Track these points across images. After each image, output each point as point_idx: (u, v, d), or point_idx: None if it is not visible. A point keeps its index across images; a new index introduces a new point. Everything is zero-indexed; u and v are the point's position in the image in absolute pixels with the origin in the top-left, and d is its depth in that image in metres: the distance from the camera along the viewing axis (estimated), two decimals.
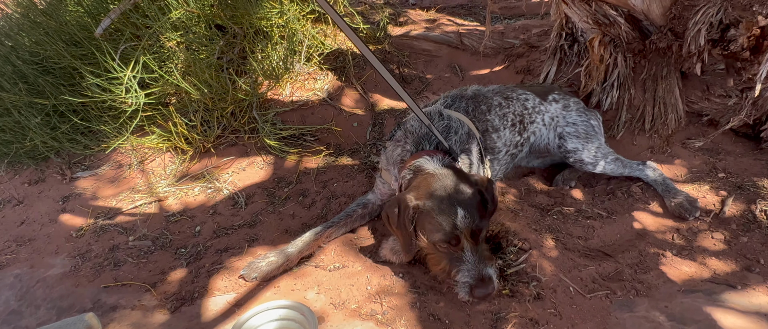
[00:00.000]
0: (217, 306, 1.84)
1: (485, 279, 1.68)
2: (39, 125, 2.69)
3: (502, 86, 2.51)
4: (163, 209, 2.45)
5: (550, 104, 2.46)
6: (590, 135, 2.39)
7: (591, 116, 2.48)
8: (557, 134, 2.43)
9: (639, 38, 2.59)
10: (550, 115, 2.45)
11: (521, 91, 2.46)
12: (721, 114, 2.50)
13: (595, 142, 2.38)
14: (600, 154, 2.34)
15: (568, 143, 2.38)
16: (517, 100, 2.41)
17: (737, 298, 1.71)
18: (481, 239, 1.77)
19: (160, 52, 2.72)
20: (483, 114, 2.29)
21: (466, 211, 1.72)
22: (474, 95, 2.35)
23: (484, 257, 1.74)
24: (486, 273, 1.70)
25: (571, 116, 2.45)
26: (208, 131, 2.74)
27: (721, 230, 2.03)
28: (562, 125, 2.42)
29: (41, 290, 2.02)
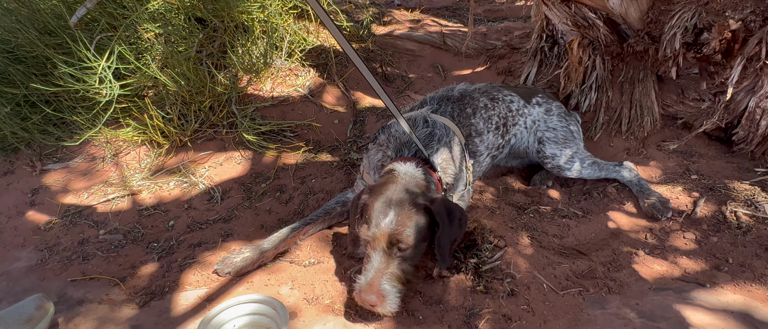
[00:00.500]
0: (188, 301, 1.80)
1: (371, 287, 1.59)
2: (8, 115, 2.61)
3: (488, 85, 2.48)
4: (136, 203, 2.40)
5: (533, 108, 2.46)
6: (568, 140, 2.40)
7: (571, 121, 2.50)
8: (537, 139, 2.43)
9: (617, 41, 2.63)
10: (532, 118, 2.45)
11: (507, 92, 2.45)
12: (695, 117, 2.55)
13: (573, 147, 2.39)
14: (577, 159, 2.36)
15: (546, 149, 2.39)
16: (503, 101, 2.40)
17: (706, 296, 1.74)
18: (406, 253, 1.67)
19: (138, 43, 2.67)
20: (467, 118, 2.26)
21: (396, 218, 1.64)
22: (460, 97, 2.31)
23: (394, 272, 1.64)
24: (379, 285, 1.59)
25: (552, 120, 2.45)
26: (186, 124, 2.69)
27: (692, 230, 2.06)
28: (543, 129, 2.43)
29: (4, 283, 1.95)
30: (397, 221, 1.65)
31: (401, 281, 1.66)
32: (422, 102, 2.31)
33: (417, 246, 1.68)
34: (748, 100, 2.32)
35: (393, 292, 1.61)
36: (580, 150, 2.40)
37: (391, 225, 1.65)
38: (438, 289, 1.78)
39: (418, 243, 1.68)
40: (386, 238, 1.65)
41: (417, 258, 1.74)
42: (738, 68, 2.20)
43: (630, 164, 2.36)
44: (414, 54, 3.65)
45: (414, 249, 1.68)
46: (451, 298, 1.74)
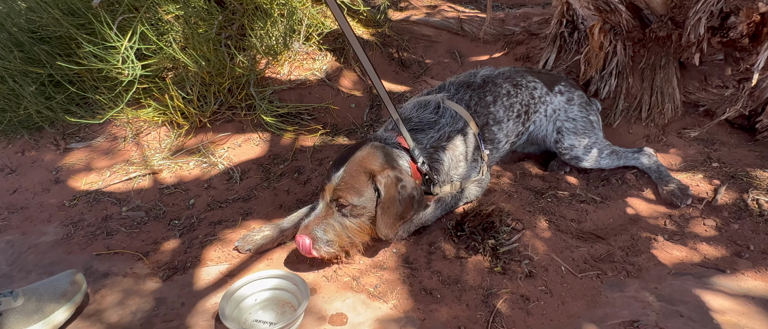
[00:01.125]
0: (210, 276, 1.84)
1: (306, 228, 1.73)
2: (33, 94, 2.66)
3: (512, 70, 2.43)
4: (157, 181, 2.44)
5: (555, 96, 2.40)
6: (587, 131, 2.35)
7: (591, 111, 2.44)
8: (556, 128, 2.38)
9: (639, 27, 2.59)
10: (553, 107, 2.39)
11: (531, 78, 2.40)
12: (718, 105, 2.51)
13: (591, 137, 2.34)
14: (595, 149, 2.32)
15: (564, 140, 2.34)
16: (526, 88, 2.34)
17: (726, 282, 1.73)
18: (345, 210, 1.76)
19: (158, 24, 2.69)
20: (486, 107, 2.22)
21: (344, 175, 1.76)
22: (482, 83, 2.28)
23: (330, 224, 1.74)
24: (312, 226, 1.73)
25: (573, 110, 2.39)
26: (205, 106, 2.72)
27: (712, 217, 2.04)
28: (563, 119, 2.38)
29: (33, 256, 2.01)
30: (342, 177, 1.76)
31: (338, 234, 1.76)
32: (440, 87, 2.30)
33: (356, 207, 1.77)
34: None
35: (323, 239, 1.73)
36: (598, 140, 2.37)
37: (337, 181, 1.76)
38: (456, 269, 1.80)
39: (357, 204, 1.76)
40: (331, 191, 1.77)
41: (362, 219, 1.79)
42: (765, 53, 2.16)
43: (649, 151, 2.33)
44: (430, 40, 3.64)
45: (354, 208, 1.76)
46: (468, 278, 1.76)
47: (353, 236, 1.79)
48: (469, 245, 1.90)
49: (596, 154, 2.32)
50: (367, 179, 1.77)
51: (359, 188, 1.76)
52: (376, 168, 1.79)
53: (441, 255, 1.88)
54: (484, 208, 2.03)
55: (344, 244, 1.78)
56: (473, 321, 1.60)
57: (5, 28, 2.70)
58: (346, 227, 1.77)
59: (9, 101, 2.71)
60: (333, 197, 1.76)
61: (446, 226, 2.00)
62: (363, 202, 1.77)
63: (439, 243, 1.93)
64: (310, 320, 1.62)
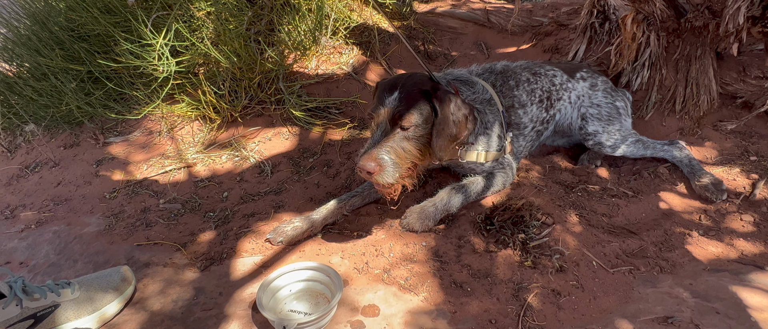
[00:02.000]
0: (245, 267, 1.90)
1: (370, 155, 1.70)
2: (74, 91, 2.77)
3: (529, 62, 2.47)
4: (192, 174, 2.52)
5: (577, 82, 2.42)
6: (613, 117, 2.34)
7: (617, 97, 2.42)
8: (580, 114, 2.38)
9: (674, 17, 2.52)
10: (577, 93, 2.40)
11: (549, 67, 2.42)
12: (757, 96, 2.43)
13: (616, 124, 2.32)
14: (620, 136, 2.30)
15: (589, 125, 2.34)
16: (545, 76, 2.37)
17: (765, 279, 1.69)
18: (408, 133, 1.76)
19: (191, 21, 2.76)
20: (511, 90, 2.26)
21: (400, 96, 1.75)
22: (503, 70, 2.33)
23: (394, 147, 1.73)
24: (376, 152, 1.71)
25: (597, 96, 2.40)
26: (236, 100, 2.78)
27: (750, 212, 1.99)
28: (587, 105, 2.38)
29: (78, 246, 2.11)
30: (399, 98, 1.75)
31: (401, 157, 1.75)
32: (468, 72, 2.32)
33: (418, 126, 1.77)
34: None
35: (391, 163, 1.72)
36: (623, 127, 2.34)
37: (394, 102, 1.75)
38: (486, 263, 1.81)
39: (419, 124, 1.77)
40: (389, 114, 1.76)
41: (421, 141, 1.80)
42: None
43: (681, 143, 2.29)
44: (456, 32, 3.62)
45: (415, 128, 1.77)
46: (499, 272, 1.77)
47: (415, 159, 1.80)
48: (498, 239, 1.91)
49: (621, 142, 2.29)
50: (423, 98, 1.78)
51: (419, 107, 1.76)
52: (430, 88, 1.80)
53: (470, 248, 1.89)
54: (513, 202, 2.03)
55: (406, 169, 1.79)
56: (504, 315, 1.61)
57: (47, 27, 2.82)
58: (409, 150, 1.78)
59: (52, 97, 2.83)
60: (393, 119, 1.75)
61: (476, 220, 2.01)
62: (422, 120, 1.78)
63: (468, 237, 1.94)
64: (343, 311, 1.67)
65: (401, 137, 1.77)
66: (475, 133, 2.04)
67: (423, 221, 1.93)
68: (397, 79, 1.85)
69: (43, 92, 2.84)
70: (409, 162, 1.79)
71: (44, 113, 2.86)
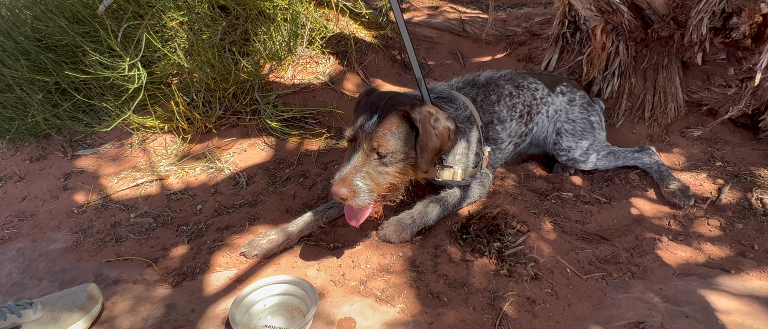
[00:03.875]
0: (219, 281, 1.86)
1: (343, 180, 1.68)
2: (40, 102, 2.69)
3: (514, 72, 2.46)
4: (164, 187, 2.46)
5: (556, 97, 2.43)
6: (586, 132, 2.37)
7: (592, 112, 2.45)
8: (555, 129, 2.41)
9: (641, 27, 2.60)
10: (555, 108, 2.42)
11: (532, 79, 2.43)
12: (721, 104, 2.52)
13: (589, 139, 2.36)
14: (592, 151, 2.34)
15: (563, 141, 2.37)
16: (528, 89, 2.37)
17: (731, 282, 1.74)
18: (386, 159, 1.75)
19: (163, 31, 2.71)
20: (491, 105, 2.26)
21: (379, 121, 1.73)
22: (486, 83, 2.32)
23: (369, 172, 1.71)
24: (350, 177, 1.68)
25: (574, 111, 2.41)
26: (210, 111, 2.74)
27: (717, 217, 2.05)
28: (563, 120, 2.40)
29: (43, 263, 2.04)
30: (378, 122, 1.73)
31: (376, 182, 1.73)
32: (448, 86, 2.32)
33: (397, 151, 1.76)
34: None
35: (365, 189, 1.70)
36: (596, 141, 2.37)
37: (373, 127, 1.73)
38: (462, 272, 1.81)
39: (397, 150, 1.76)
40: (367, 138, 1.73)
41: (402, 163, 1.79)
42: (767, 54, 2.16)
43: (651, 149, 2.34)
44: (433, 41, 3.65)
45: (393, 154, 1.75)
46: (475, 281, 1.78)
47: (394, 181, 1.79)
48: (474, 247, 1.92)
49: (594, 156, 2.34)
50: (402, 119, 1.77)
51: (397, 132, 1.75)
52: (408, 107, 1.78)
53: (447, 258, 1.89)
54: (489, 210, 2.04)
55: (383, 191, 1.78)
56: (480, 324, 1.62)
57: (12, 37, 2.73)
58: (386, 174, 1.76)
59: (17, 109, 2.74)
60: (371, 146, 1.74)
61: (452, 229, 2.02)
62: (402, 145, 1.76)
63: (444, 246, 1.95)
64: (319, 325, 1.64)
65: (378, 163, 1.75)
66: (453, 152, 2.04)
67: (399, 233, 1.93)
68: (378, 100, 1.82)
69: (7, 103, 2.75)
70: (387, 185, 1.78)
71: (9, 126, 2.76)
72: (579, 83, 2.66)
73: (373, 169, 1.74)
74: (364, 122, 1.76)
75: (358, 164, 1.73)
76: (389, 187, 1.80)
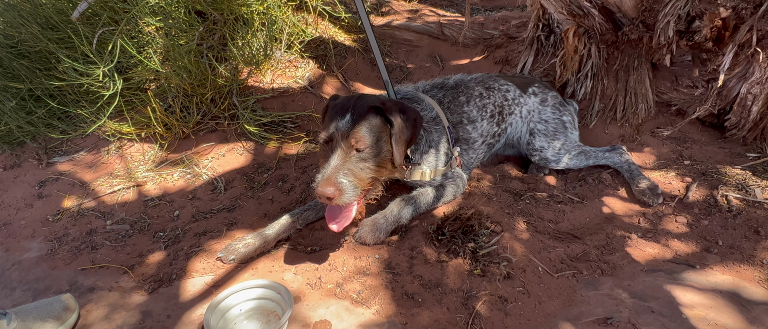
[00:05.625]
0: (195, 287, 1.86)
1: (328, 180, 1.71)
2: (14, 109, 2.65)
3: (485, 75, 2.53)
4: (141, 193, 2.45)
5: (529, 97, 2.50)
6: (558, 132, 2.44)
7: (564, 112, 2.51)
8: (529, 129, 2.47)
9: (612, 30, 2.66)
10: (528, 108, 2.48)
11: (503, 81, 2.49)
12: (689, 104, 2.59)
13: (561, 139, 2.42)
14: (563, 150, 2.40)
15: (535, 141, 2.43)
16: (499, 90, 2.44)
17: (696, 277, 1.80)
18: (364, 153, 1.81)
19: (139, 37, 2.70)
20: (460, 106, 2.32)
21: (353, 118, 1.80)
22: (455, 85, 2.39)
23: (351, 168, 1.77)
24: (333, 176, 1.73)
25: (546, 112, 2.48)
26: (188, 116, 2.74)
27: (684, 214, 2.12)
28: (536, 120, 2.47)
29: (17, 272, 2.01)
30: (352, 120, 1.80)
31: (359, 177, 1.79)
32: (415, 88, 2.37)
33: (374, 146, 1.83)
34: (740, 86, 2.37)
35: (350, 186, 1.74)
36: (568, 141, 2.43)
37: (348, 125, 1.79)
38: (437, 273, 1.84)
39: (374, 143, 1.83)
40: (343, 136, 1.79)
41: (378, 158, 1.85)
42: (729, 55, 2.24)
43: (623, 148, 2.40)
44: (412, 44, 3.69)
45: (371, 148, 1.82)
46: (449, 281, 1.81)
47: (375, 174, 1.85)
48: (449, 248, 1.95)
49: (566, 156, 2.39)
50: (375, 114, 1.84)
51: (372, 127, 1.82)
52: (380, 104, 1.85)
53: (422, 259, 1.92)
54: (463, 211, 2.08)
55: (367, 185, 1.83)
56: (453, 324, 1.65)
57: None
58: (367, 168, 1.82)
59: None
60: (349, 143, 1.79)
61: (427, 230, 2.05)
62: (376, 140, 1.83)
63: (420, 248, 1.97)
64: (295, 327, 1.66)
65: (358, 158, 1.81)
66: (420, 151, 2.10)
67: (375, 234, 1.95)
68: (347, 101, 1.89)
69: None
70: (369, 179, 1.84)
71: None
72: (551, 85, 2.72)
73: (354, 164, 1.79)
74: (338, 122, 1.81)
75: (339, 163, 1.77)
76: (371, 181, 1.85)
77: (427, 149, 2.13)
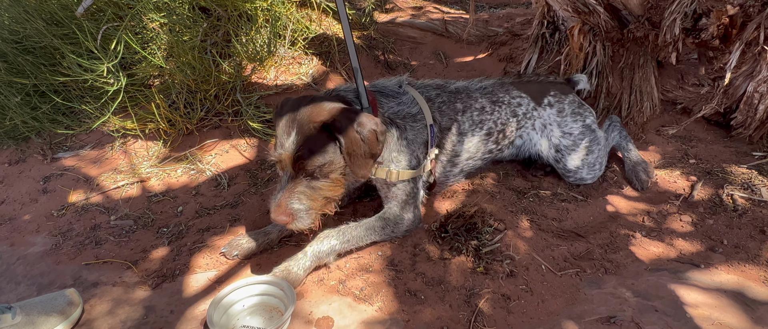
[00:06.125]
0: (199, 283, 1.87)
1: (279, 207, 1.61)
2: (19, 105, 2.67)
3: (496, 83, 2.29)
4: (145, 189, 2.46)
5: (544, 110, 2.26)
6: (591, 146, 2.22)
7: (585, 113, 2.29)
8: (553, 146, 2.25)
9: (617, 27, 2.65)
10: (542, 121, 2.26)
11: (516, 92, 2.24)
12: (694, 102, 2.58)
13: (594, 152, 2.22)
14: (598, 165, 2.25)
15: (567, 161, 2.21)
16: (508, 105, 2.21)
17: (700, 276, 1.79)
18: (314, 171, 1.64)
19: (143, 33, 2.71)
20: (454, 112, 2.10)
21: (297, 139, 1.62)
22: (455, 91, 2.16)
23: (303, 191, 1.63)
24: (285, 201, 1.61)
25: (567, 123, 2.23)
26: (191, 113, 2.74)
27: (689, 213, 2.10)
28: (558, 135, 2.23)
29: (21, 267, 2.02)
30: (297, 141, 1.62)
31: (313, 198, 1.65)
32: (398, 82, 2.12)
33: (325, 165, 1.66)
34: (747, 85, 2.35)
35: (303, 210, 1.64)
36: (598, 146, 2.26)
37: (293, 146, 1.63)
38: (440, 270, 1.84)
39: (324, 163, 1.65)
40: (290, 158, 1.63)
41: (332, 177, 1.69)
42: (736, 53, 2.22)
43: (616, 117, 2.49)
44: (416, 41, 3.68)
45: (321, 168, 1.65)
46: (452, 279, 1.80)
47: (329, 194, 1.69)
48: (452, 246, 1.95)
49: (599, 168, 2.28)
50: (322, 132, 1.64)
51: (319, 145, 1.63)
52: (326, 117, 1.64)
53: (425, 256, 1.92)
54: (467, 209, 2.07)
55: (321, 206, 1.69)
56: (456, 321, 1.64)
57: None
58: (320, 189, 1.66)
59: None
60: (296, 167, 1.64)
61: (431, 228, 2.04)
62: (328, 157, 1.65)
63: (423, 245, 1.97)
64: (298, 324, 1.66)
65: (308, 181, 1.66)
66: (389, 148, 1.92)
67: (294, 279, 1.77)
68: (294, 113, 1.67)
69: None
70: (323, 198, 1.69)
71: None
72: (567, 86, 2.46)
73: (306, 187, 1.65)
74: (284, 141, 1.65)
75: (290, 187, 1.65)
76: (326, 201, 1.70)
77: (397, 147, 1.93)
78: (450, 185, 2.29)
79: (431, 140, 1.98)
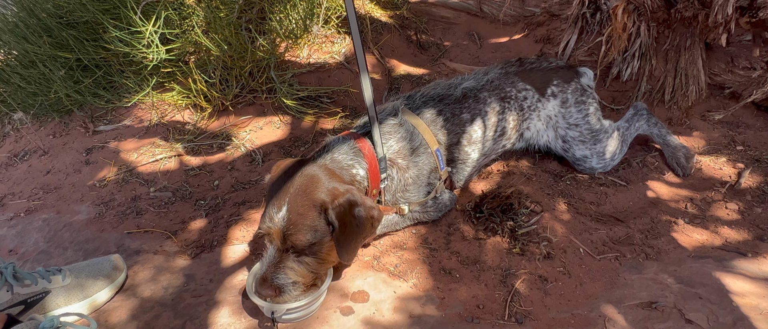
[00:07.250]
0: (236, 254, 1.91)
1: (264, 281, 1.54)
2: (63, 79, 2.74)
3: (501, 75, 2.20)
4: (182, 163, 2.51)
5: (547, 101, 2.19)
6: (598, 136, 2.18)
7: (588, 101, 2.22)
8: (559, 137, 2.20)
9: (664, 7, 2.53)
10: (547, 113, 2.20)
11: (521, 85, 2.17)
12: (744, 87, 2.46)
13: (602, 141, 2.18)
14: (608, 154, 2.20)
15: (575, 150, 2.19)
16: (515, 100, 2.14)
17: (747, 265, 1.73)
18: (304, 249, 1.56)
19: (181, 9, 2.74)
20: (461, 125, 2.01)
21: (288, 216, 1.52)
22: (463, 97, 2.06)
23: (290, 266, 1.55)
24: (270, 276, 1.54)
25: (571, 113, 2.18)
26: (227, 89, 2.77)
27: (735, 200, 2.03)
28: (563, 126, 2.19)
29: (68, 233, 2.11)
30: (289, 218, 1.52)
31: (301, 274, 1.57)
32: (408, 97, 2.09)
33: (314, 244, 1.56)
34: None
35: (289, 284, 1.55)
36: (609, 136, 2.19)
37: (283, 222, 1.53)
38: (474, 250, 1.83)
39: (314, 242, 1.56)
40: (279, 235, 1.54)
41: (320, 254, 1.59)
42: None
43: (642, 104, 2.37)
44: (449, 21, 3.61)
45: (311, 246, 1.56)
46: (487, 259, 1.79)
47: (318, 269, 1.61)
48: (487, 226, 1.93)
49: (609, 157, 2.21)
50: (317, 212, 1.54)
51: (311, 226, 1.53)
52: (324, 197, 1.55)
53: (460, 236, 1.91)
54: (503, 190, 2.04)
55: (310, 281, 1.61)
56: (492, 300, 1.64)
57: (34, 13, 2.78)
58: (307, 265, 1.58)
59: (40, 85, 2.80)
60: (285, 243, 1.55)
61: (466, 208, 2.03)
62: (318, 237, 1.56)
63: (458, 225, 1.96)
64: (334, 297, 1.68)
65: (295, 256, 1.57)
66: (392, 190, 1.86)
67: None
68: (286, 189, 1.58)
69: (30, 79, 2.81)
70: (310, 275, 1.60)
71: (33, 101, 2.83)
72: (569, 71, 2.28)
73: (293, 262, 1.56)
74: (274, 215, 1.54)
75: (275, 261, 1.56)
76: (313, 276, 1.61)
77: (403, 187, 1.88)
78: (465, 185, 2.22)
79: (440, 162, 1.92)
